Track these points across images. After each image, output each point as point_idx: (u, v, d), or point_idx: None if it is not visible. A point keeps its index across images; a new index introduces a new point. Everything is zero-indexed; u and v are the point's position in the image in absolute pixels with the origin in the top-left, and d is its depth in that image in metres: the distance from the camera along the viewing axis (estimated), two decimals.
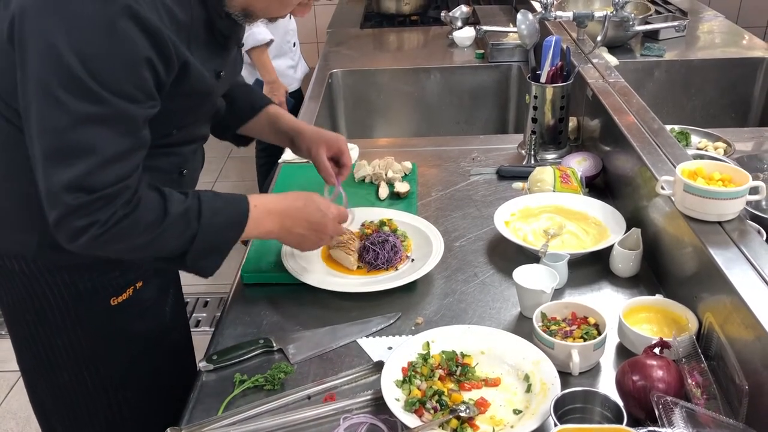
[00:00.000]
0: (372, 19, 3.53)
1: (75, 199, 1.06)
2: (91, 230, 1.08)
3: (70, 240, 1.11)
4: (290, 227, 1.35)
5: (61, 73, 1.01)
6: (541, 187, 1.75)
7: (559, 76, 2.00)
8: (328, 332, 1.37)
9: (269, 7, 1.23)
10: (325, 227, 1.39)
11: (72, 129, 1.04)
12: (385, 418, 1.16)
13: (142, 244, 1.15)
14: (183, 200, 1.19)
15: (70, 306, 1.32)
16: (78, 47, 1.01)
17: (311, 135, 1.56)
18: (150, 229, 1.14)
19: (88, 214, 1.08)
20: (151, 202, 1.15)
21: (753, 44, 2.67)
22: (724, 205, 1.30)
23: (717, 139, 1.96)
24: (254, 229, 1.29)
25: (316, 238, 1.39)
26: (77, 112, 1.03)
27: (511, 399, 1.18)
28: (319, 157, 1.54)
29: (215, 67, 1.26)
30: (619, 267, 1.49)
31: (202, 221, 1.20)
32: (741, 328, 1.11)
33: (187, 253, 1.21)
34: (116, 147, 1.08)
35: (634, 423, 1.08)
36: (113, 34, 1.02)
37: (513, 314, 1.41)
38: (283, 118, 1.60)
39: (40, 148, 1.06)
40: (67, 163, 1.05)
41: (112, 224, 1.09)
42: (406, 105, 2.85)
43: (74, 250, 1.12)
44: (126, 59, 1.04)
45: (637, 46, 2.65)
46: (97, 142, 1.05)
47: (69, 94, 1.02)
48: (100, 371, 1.39)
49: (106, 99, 1.04)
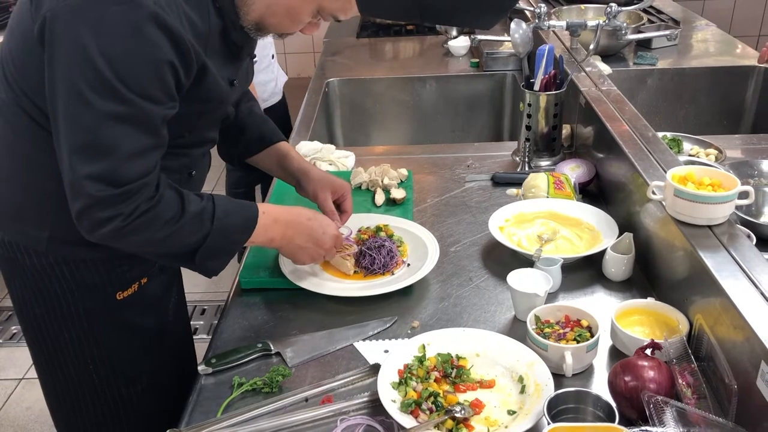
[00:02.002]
0: (368, 28, 3.56)
1: (100, 191, 1.11)
2: (115, 221, 1.14)
3: (92, 230, 1.16)
4: (291, 237, 1.39)
5: (89, 73, 1.06)
6: (535, 193, 1.78)
7: (553, 84, 2.03)
8: (326, 336, 1.39)
9: (281, 24, 1.27)
10: (323, 243, 1.44)
11: (97, 126, 1.09)
12: (381, 420, 1.17)
13: (159, 238, 1.20)
14: (199, 201, 1.25)
15: (78, 299, 1.36)
16: (105, 50, 1.06)
17: (318, 179, 1.59)
18: (168, 225, 1.20)
19: (113, 206, 1.13)
20: (170, 200, 1.20)
21: (745, 53, 2.70)
22: (714, 210, 1.32)
23: (708, 146, 1.99)
24: (260, 235, 1.34)
25: (313, 252, 1.44)
26: (103, 111, 1.08)
27: (505, 400, 1.20)
28: (325, 201, 1.57)
29: (229, 75, 1.31)
30: (612, 271, 1.51)
31: (215, 222, 1.25)
32: (730, 330, 1.13)
33: (198, 251, 1.25)
34: (138, 144, 1.13)
35: (626, 423, 1.10)
36: (139, 38, 1.07)
37: (507, 317, 1.43)
38: (292, 158, 1.62)
39: (67, 143, 1.11)
40: (92, 158, 1.10)
41: (135, 217, 1.15)
42: (402, 113, 2.87)
43: (94, 240, 1.17)
44: (150, 62, 1.09)
45: (629, 54, 2.68)
46: (120, 138, 1.11)
47: (95, 93, 1.07)
48: (105, 366, 1.43)
49: (129, 99, 1.09)
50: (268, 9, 1.24)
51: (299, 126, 2.39)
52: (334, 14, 1.28)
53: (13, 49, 1.19)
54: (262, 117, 1.65)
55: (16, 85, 1.19)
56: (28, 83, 1.17)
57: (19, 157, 1.26)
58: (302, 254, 1.43)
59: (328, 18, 1.29)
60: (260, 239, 1.35)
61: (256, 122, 1.62)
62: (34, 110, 1.19)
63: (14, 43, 1.18)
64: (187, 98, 1.20)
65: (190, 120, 1.29)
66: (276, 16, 1.25)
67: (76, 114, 1.09)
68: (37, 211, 1.29)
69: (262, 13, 1.24)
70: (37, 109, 1.19)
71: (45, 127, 1.18)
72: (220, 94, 1.29)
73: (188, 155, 1.37)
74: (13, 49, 1.19)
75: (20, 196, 1.30)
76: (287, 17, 1.26)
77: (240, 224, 1.31)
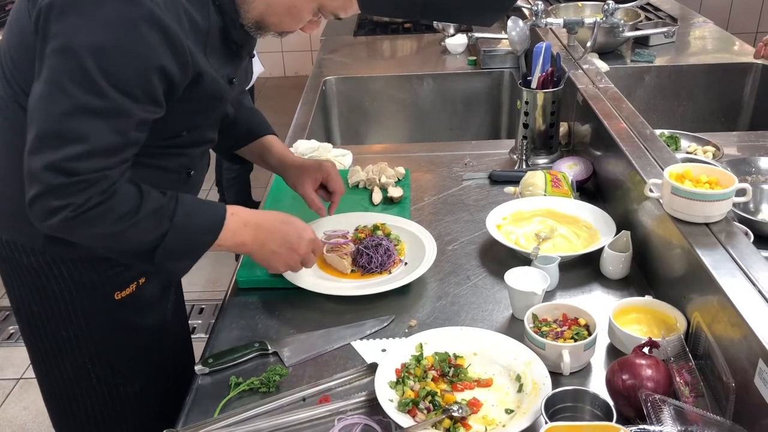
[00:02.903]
0: (365, 26, 3.55)
1: (53, 178, 1.08)
2: (65, 212, 1.11)
3: (42, 218, 1.13)
4: (263, 241, 1.35)
5: (72, 65, 1.05)
6: (532, 192, 1.78)
7: (550, 82, 2.02)
8: (323, 335, 1.38)
9: (282, 22, 1.26)
10: (297, 248, 1.39)
11: (69, 116, 1.07)
12: (379, 419, 1.17)
13: (111, 233, 1.17)
14: (159, 198, 1.21)
15: (75, 298, 1.36)
16: (96, 43, 1.05)
17: (296, 170, 1.58)
18: (122, 220, 1.16)
19: (65, 196, 1.10)
20: (127, 195, 1.17)
21: (742, 50, 2.69)
22: (711, 207, 1.32)
23: (706, 143, 1.99)
24: (229, 238, 1.29)
25: (287, 258, 1.39)
26: (78, 103, 1.07)
27: (503, 399, 1.20)
28: (307, 192, 1.56)
29: (228, 74, 1.30)
30: (609, 269, 1.51)
31: (175, 221, 1.21)
32: (728, 328, 1.13)
33: (156, 250, 1.22)
34: (106, 141, 1.10)
35: (623, 421, 1.10)
36: (132, 36, 1.06)
37: (505, 316, 1.42)
38: (272, 151, 1.61)
39: (36, 128, 1.09)
40: (56, 145, 1.08)
41: (85, 209, 1.11)
42: (399, 111, 2.87)
43: (46, 231, 1.15)
44: (140, 62, 1.08)
45: (627, 52, 2.68)
46: (89, 132, 1.08)
47: (74, 84, 1.06)
48: (103, 365, 1.42)
49: (108, 94, 1.07)
50: (269, 8, 1.23)
51: (296, 124, 2.39)
52: (335, 12, 1.27)
53: (11, 46, 1.18)
54: (252, 109, 1.65)
55: (14, 81, 1.19)
56: (26, 80, 1.16)
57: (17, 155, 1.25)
58: (276, 260, 1.38)
59: (329, 16, 1.29)
60: (228, 243, 1.30)
61: (246, 115, 1.62)
62: None
63: (12, 40, 1.18)
64: (185, 97, 1.19)
65: (189, 118, 1.28)
66: (276, 14, 1.24)
67: (51, 101, 1.07)
68: None
69: (262, 12, 1.23)
70: None
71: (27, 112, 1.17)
72: (219, 92, 1.27)
73: (187, 155, 1.36)
74: (11, 46, 1.18)
75: (18, 194, 1.28)
76: (288, 15, 1.25)
77: (204, 225, 1.27)
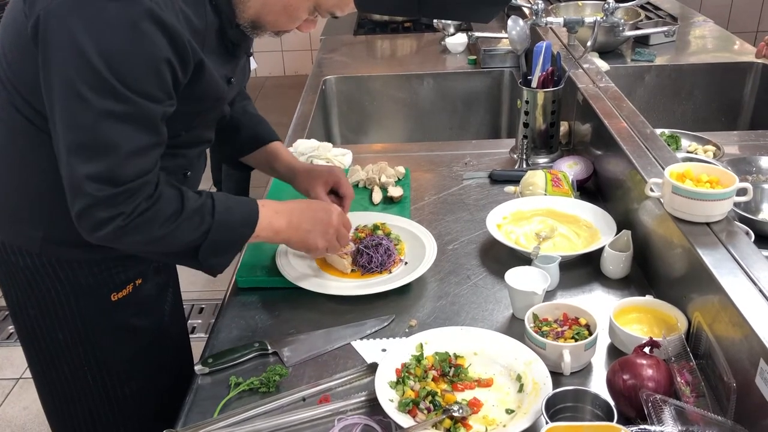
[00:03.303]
0: (365, 25, 3.55)
1: (99, 190, 1.10)
2: (116, 221, 1.13)
3: (93, 230, 1.14)
4: (298, 224, 1.38)
5: (86, 72, 1.05)
6: (532, 191, 1.77)
7: (550, 81, 2.02)
8: (323, 335, 1.38)
9: (277, 21, 1.26)
10: (330, 223, 1.42)
11: (95, 125, 1.08)
12: (379, 419, 1.17)
13: (159, 236, 1.19)
14: (198, 197, 1.25)
15: (72, 300, 1.35)
16: (101, 47, 1.05)
17: (306, 175, 1.59)
18: (168, 222, 1.19)
19: (114, 206, 1.12)
20: (170, 197, 1.20)
21: (743, 49, 2.69)
22: (712, 207, 1.32)
23: (707, 142, 1.98)
24: (265, 227, 1.33)
25: (322, 235, 1.41)
26: (101, 109, 1.07)
27: (503, 399, 1.20)
28: (319, 195, 1.56)
29: (226, 74, 1.30)
30: (610, 269, 1.51)
31: (216, 217, 1.24)
32: (729, 327, 1.13)
33: (200, 248, 1.24)
34: (137, 143, 1.12)
35: (624, 421, 1.09)
36: (135, 35, 1.06)
37: (505, 316, 1.42)
38: (280, 158, 1.62)
39: (65, 143, 1.10)
40: (91, 157, 1.09)
41: (135, 216, 1.14)
42: (399, 111, 2.87)
43: (94, 242, 1.16)
44: (147, 59, 1.08)
45: (627, 51, 2.68)
46: (119, 137, 1.10)
47: (92, 91, 1.06)
48: (100, 367, 1.42)
49: (127, 97, 1.08)
50: (264, 6, 1.23)
51: (296, 124, 2.38)
52: (331, 10, 1.27)
53: (6, 46, 1.17)
54: (257, 116, 1.64)
55: (9, 83, 1.18)
56: (22, 81, 1.16)
57: (12, 157, 1.25)
58: (313, 239, 1.40)
59: (326, 15, 1.28)
60: (266, 232, 1.34)
61: (252, 122, 1.61)
62: (28, 109, 1.18)
63: (7, 40, 1.17)
64: (184, 97, 1.19)
65: (187, 119, 1.28)
66: (272, 13, 1.24)
67: (73, 113, 1.08)
68: (31, 212, 1.28)
69: (258, 11, 1.23)
70: (30, 108, 1.18)
71: (39, 126, 1.18)
72: (218, 92, 1.28)
73: (184, 155, 1.36)
74: (5, 47, 1.17)
75: (14, 196, 1.29)
76: (284, 14, 1.25)
77: (242, 218, 1.30)
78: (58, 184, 1.14)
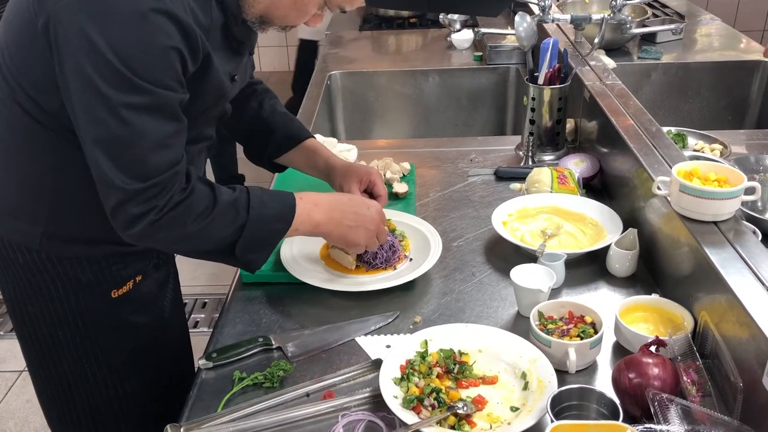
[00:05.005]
0: (371, 21, 3.54)
1: (129, 184, 1.10)
2: (149, 216, 1.12)
3: (126, 227, 1.14)
4: (339, 219, 1.37)
5: (102, 67, 1.05)
6: (538, 188, 1.77)
7: (557, 78, 2.01)
8: (327, 331, 1.38)
9: (287, 16, 1.25)
10: (372, 221, 1.41)
11: (117, 118, 1.08)
12: (383, 416, 1.17)
13: (193, 232, 1.19)
14: (231, 192, 1.24)
15: (71, 297, 1.34)
16: (114, 43, 1.05)
17: (343, 171, 1.58)
18: (201, 217, 1.18)
19: (146, 201, 1.12)
20: (202, 191, 1.19)
21: (750, 47, 2.68)
22: (720, 205, 1.31)
23: (713, 140, 1.97)
24: (304, 221, 1.32)
25: (364, 231, 1.40)
26: (121, 102, 1.07)
27: (508, 396, 1.19)
28: (352, 191, 1.55)
29: (230, 71, 1.29)
30: (616, 267, 1.50)
31: (251, 211, 1.23)
32: (736, 327, 1.13)
33: (237, 243, 1.24)
34: (161, 131, 1.12)
35: (630, 420, 1.09)
36: (146, 27, 1.06)
37: (510, 313, 1.42)
38: (319, 154, 1.61)
39: (90, 138, 1.10)
40: (116, 151, 1.09)
41: (168, 209, 1.13)
42: (404, 107, 2.86)
43: (128, 239, 1.16)
44: (159, 51, 1.08)
45: (634, 48, 2.67)
46: (142, 129, 1.10)
47: (110, 86, 1.06)
48: (101, 363, 1.41)
49: (144, 88, 1.08)
50: (274, 2, 1.22)
51: (301, 119, 2.37)
52: (341, 5, 1.26)
53: (10, 41, 1.16)
54: (288, 115, 1.64)
55: (11, 78, 1.17)
56: (26, 76, 1.15)
57: (13, 152, 1.24)
58: (354, 235, 1.38)
59: (335, 9, 1.28)
60: (304, 226, 1.32)
61: (284, 121, 1.61)
62: (30, 104, 1.17)
63: (11, 35, 1.16)
64: (188, 91, 1.18)
65: (191, 116, 1.26)
66: (282, 8, 1.23)
67: (93, 108, 1.07)
68: (31, 208, 1.27)
69: (267, 6, 1.23)
70: (32, 103, 1.17)
71: (40, 122, 1.17)
72: (221, 89, 1.27)
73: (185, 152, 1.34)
74: (9, 41, 1.16)
75: (14, 192, 1.27)
76: (294, 9, 1.24)
77: (278, 212, 1.28)
78: (59, 180, 1.14)
